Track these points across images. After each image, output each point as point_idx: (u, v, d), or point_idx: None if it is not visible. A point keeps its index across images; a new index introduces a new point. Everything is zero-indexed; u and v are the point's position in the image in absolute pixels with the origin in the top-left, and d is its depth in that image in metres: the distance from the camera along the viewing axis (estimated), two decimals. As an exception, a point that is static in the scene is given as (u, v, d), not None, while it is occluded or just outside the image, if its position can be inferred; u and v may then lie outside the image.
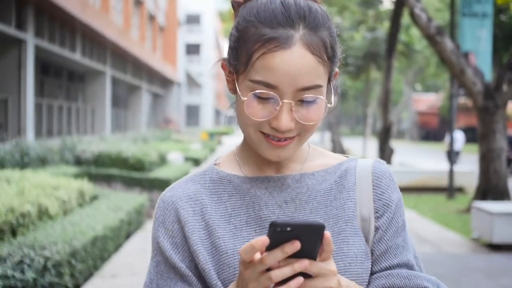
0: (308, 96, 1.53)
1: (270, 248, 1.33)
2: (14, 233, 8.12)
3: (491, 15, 17.48)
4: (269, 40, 1.52)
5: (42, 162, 16.43)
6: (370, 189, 1.72)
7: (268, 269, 1.36)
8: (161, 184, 17.66)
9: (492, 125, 14.19)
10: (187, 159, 28.62)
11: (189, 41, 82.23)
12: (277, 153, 1.60)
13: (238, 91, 1.60)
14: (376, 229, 1.70)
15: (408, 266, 1.69)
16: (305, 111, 1.55)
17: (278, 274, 1.35)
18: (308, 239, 1.34)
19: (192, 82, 79.88)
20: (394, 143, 33.98)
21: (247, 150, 1.75)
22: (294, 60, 1.51)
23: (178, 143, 36.10)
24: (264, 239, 1.32)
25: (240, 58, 1.59)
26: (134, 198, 13.01)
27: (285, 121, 1.52)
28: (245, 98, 1.55)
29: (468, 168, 22.41)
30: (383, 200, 1.71)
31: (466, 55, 15.79)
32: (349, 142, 49.80)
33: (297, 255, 1.35)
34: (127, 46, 31.20)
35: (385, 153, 23.15)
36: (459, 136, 29.41)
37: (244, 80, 1.57)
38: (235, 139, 78.80)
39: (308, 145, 1.81)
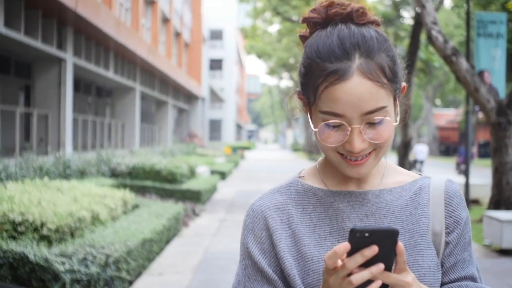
0: (373, 118, 1.63)
1: (350, 254, 1.46)
2: (72, 235, 9.18)
3: (505, 35, 18.26)
4: (329, 74, 1.62)
5: (81, 174, 17.33)
6: (442, 207, 1.83)
7: (349, 275, 1.48)
8: (192, 195, 18.73)
9: (504, 140, 14.93)
10: (213, 172, 29.59)
11: (212, 56, 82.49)
12: (357, 170, 1.71)
13: (311, 121, 1.73)
14: (446, 243, 1.81)
15: (472, 278, 1.83)
16: (374, 132, 1.65)
17: (358, 277, 1.47)
18: (384, 244, 1.46)
19: (214, 97, 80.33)
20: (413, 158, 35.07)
21: (329, 166, 1.85)
22: (354, 89, 1.60)
23: (203, 157, 36.78)
24: (345, 245, 1.44)
25: (309, 91, 1.71)
26: (171, 207, 14.07)
27: (357, 144, 1.64)
28: (316, 129, 1.69)
29: (483, 181, 23.16)
30: (453, 217, 1.82)
31: (481, 73, 16.58)
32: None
33: (374, 261, 1.46)
34: (155, 62, 32.04)
35: (404, 168, 23.90)
36: (423, 149, 36.36)
37: (315, 112, 1.70)
38: (256, 153, 79.44)
39: (385, 162, 1.90)
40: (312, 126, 1.72)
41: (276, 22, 49.35)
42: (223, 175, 30.82)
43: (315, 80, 1.66)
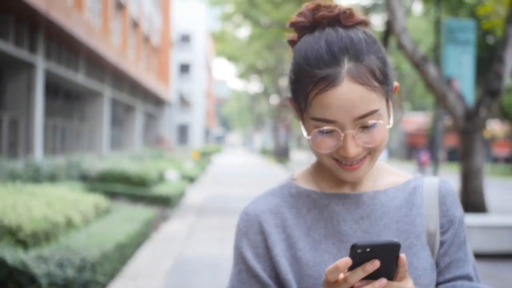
0: (366, 122, 1.62)
1: (351, 268, 1.45)
2: (47, 239, 9.25)
3: (474, 42, 18.57)
4: (319, 81, 1.61)
5: (52, 178, 17.32)
6: (437, 206, 1.82)
7: None
8: (162, 200, 18.83)
9: (472, 145, 15.20)
10: (183, 177, 29.71)
11: (181, 60, 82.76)
12: (353, 175, 1.69)
13: (304, 128, 1.72)
14: (441, 243, 1.80)
15: (468, 277, 1.81)
16: (367, 136, 1.63)
17: None
18: (386, 258, 1.45)
19: (183, 101, 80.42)
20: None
21: (323, 168, 1.82)
22: (345, 94, 1.59)
23: (171, 161, 36.72)
24: (347, 260, 1.43)
25: (300, 98, 1.69)
26: (143, 212, 14.20)
27: (351, 149, 1.62)
28: (309, 137, 1.67)
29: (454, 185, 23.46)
30: (448, 217, 1.82)
31: (449, 80, 16.85)
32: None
33: (376, 274, 1.45)
34: (124, 67, 32.13)
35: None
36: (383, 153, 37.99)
37: (307, 118, 1.68)
38: (224, 158, 79.53)
39: (378, 163, 1.87)
40: (305, 133, 1.70)
41: (246, 27, 49.55)
42: (191, 180, 30.90)
43: (305, 87, 1.65)
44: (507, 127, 53.72)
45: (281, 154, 69.10)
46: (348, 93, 1.58)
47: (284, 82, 67.35)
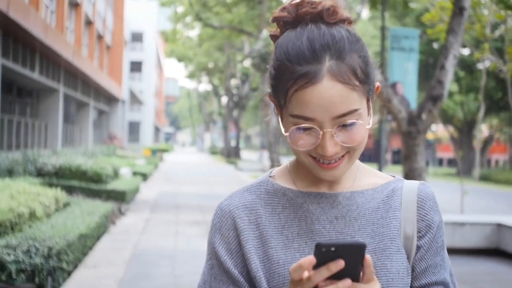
0: (345, 121, 1.58)
1: (316, 267, 1.41)
2: (12, 230, 9.82)
3: (417, 49, 19.38)
4: (299, 78, 1.56)
5: (9, 173, 17.70)
6: (415, 210, 1.78)
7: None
8: (117, 195, 19.32)
9: (414, 147, 15.82)
10: (135, 173, 30.14)
11: (132, 58, 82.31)
12: (331, 173, 1.65)
13: (282, 124, 1.67)
14: (418, 247, 1.76)
15: (444, 284, 1.77)
16: (346, 135, 1.59)
17: None
18: (351, 258, 1.42)
19: (134, 99, 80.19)
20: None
21: (301, 166, 1.78)
22: (324, 92, 1.54)
23: (123, 158, 36.92)
24: (311, 259, 1.39)
25: (279, 94, 1.65)
26: (101, 206, 14.75)
27: (330, 148, 1.59)
28: (287, 134, 1.63)
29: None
30: (426, 221, 1.78)
31: (394, 85, 17.55)
32: (286, 160, 51.36)
33: (341, 275, 1.42)
34: (78, 64, 32.32)
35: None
36: None
37: (286, 115, 1.64)
38: (175, 156, 79.71)
39: (358, 163, 1.84)
40: (283, 129, 1.66)
41: (197, 27, 49.96)
42: (144, 177, 31.44)
43: (284, 83, 1.61)
44: (450, 130, 55.21)
45: (231, 154, 69.64)
46: (328, 91, 1.55)
47: (233, 82, 67.99)
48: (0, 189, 11.77)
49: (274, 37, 1.74)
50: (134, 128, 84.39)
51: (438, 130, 62.68)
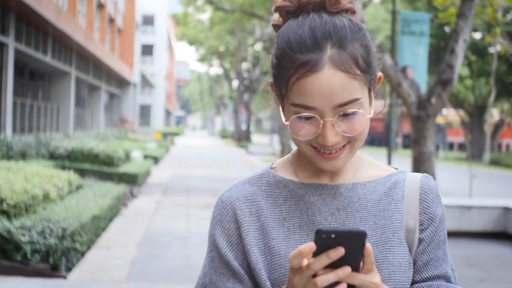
0: (346, 110, 1.57)
1: (316, 254, 1.40)
2: (27, 211, 10.00)
3: (428, 33, 19.39)
4: (300, 66, 1.56)
5: (23, 156, 17.83)
6: (417, 203, 1.76)
7: (314, 276, 1.43)
8: (129, 178, 19.50)
9: (423, 132, 15.87)
10: (146, 156, 30.34)
11: (143, 42, 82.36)
12: (332, 164, 1.64)
13: (283, 113, 1.67)
14: (420, 241, 1.74)
15: (446, 278, 1.75)
16: (347, 124, 1.58)
17: (323, 279, 1.42)
18: (351, 246, 1.40)
19: (145, 83, 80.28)
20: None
21: (303, 157, 1.78)
22: (326, 81, 1.53)
23: (134, 142, 37.12)
24: (311, 245, 1.39)
25: (281, 83, 1.64)
26: (113, 188, 14.95)
27: (330, 137, 1.57)
28: (288, 123, 1.62)
29: (406, 170, 24.33)
30: (428, 214, 1.76)
31: (404, 69, 17.60)
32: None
33: (341, 263, 1.41)
34: (90, 48, 32.48)
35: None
36: None
37: (287, 104, 1.63)
38: (185, 140, 79.83)
39: (360, 155, 1.83)
40: (283, 119, 1.66)
41: (208, 11, 49.92)
42: (155, 160, 31.60)
43: (286, 72, 1.60)
44: (461, 115, 55.12)
45: (242, 137, 69.72)
46: (329, 80, 1.54)
47: (244, 66, 67.94)
48: (14, 172, 11.95)
49: (276, 27, 1.73)
50: (145, 112, 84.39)
51: (449, 115, 62.56)
